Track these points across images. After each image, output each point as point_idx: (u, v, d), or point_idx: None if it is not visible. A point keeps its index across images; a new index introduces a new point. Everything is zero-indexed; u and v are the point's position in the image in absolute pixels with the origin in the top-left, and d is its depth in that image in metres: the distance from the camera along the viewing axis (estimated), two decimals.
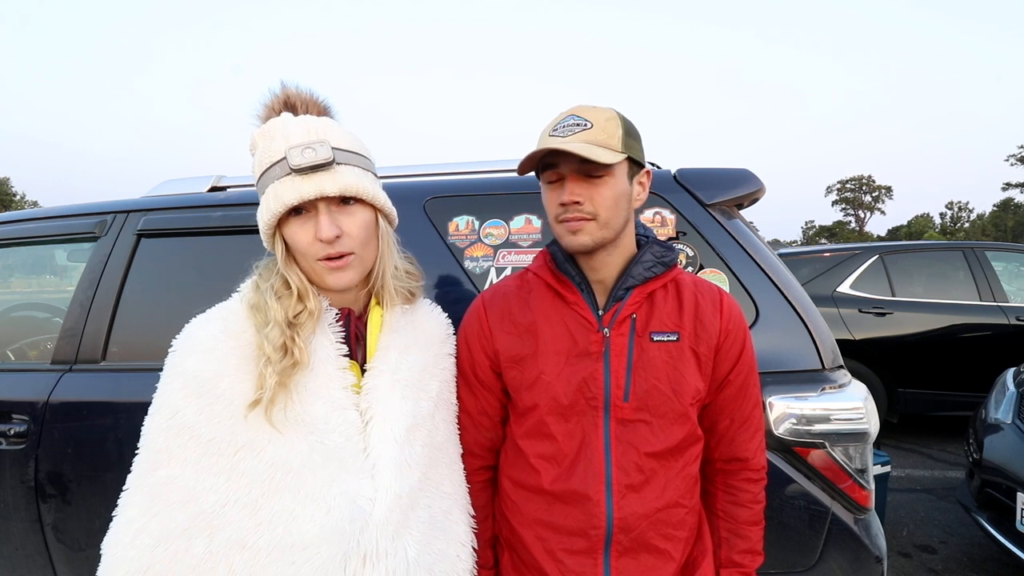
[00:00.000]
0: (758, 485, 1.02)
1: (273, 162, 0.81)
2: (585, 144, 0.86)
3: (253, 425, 0.78)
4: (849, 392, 1.31)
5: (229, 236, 1.64)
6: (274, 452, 0.78)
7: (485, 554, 1.04)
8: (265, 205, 0.82)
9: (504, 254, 1.56)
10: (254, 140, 0.85)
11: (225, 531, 0.76)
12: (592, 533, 0.92)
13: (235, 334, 0.82)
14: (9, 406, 1.57)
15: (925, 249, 4.69)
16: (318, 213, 0.82)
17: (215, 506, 0.76)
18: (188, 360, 0.80)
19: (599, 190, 0.89)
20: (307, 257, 0.83)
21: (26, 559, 1.56)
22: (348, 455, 0.81)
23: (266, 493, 0.77)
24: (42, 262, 3.48)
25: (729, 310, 0.99)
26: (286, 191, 0.80)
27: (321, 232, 0.81)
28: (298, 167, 0.79)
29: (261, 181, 0.84)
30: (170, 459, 0.78)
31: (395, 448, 0.85)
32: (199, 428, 0.78)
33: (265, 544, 0.76)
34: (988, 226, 62.18)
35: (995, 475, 2.36)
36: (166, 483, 0.77)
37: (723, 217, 1.50)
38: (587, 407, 0.93)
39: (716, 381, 0.98)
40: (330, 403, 0.82)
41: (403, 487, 0.84)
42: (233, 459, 0.78)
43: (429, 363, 0.96)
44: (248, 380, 0.80)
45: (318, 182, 0.80)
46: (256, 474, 0.78)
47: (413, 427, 0.88)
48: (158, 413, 0.80)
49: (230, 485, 0.77)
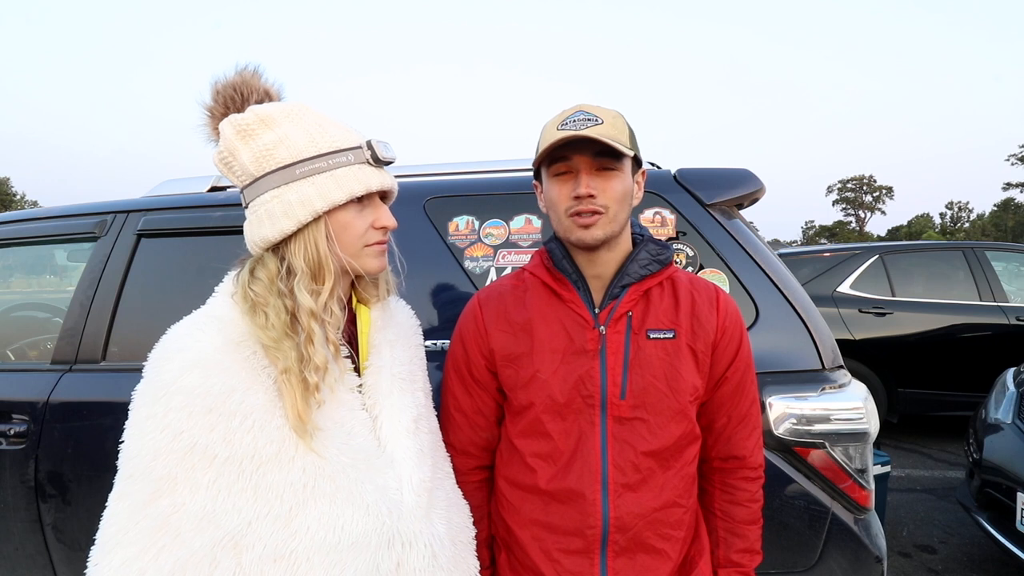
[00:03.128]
0: (756, 484, 1.02)
1: (342, 148, 0.83)
2: (603, 136, 0.87)
3: (276, 437, 0.75)
4: (849, 392, 1.32)
5: (229, 236, 1.64)
6: (305, 461, 0.76)
7: (482, 554, 1.03)
8: (336, 185, 0.80)
9: (504, 254, 1.56)
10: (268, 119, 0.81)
11: (255, 549, 0.72)
12: (588, 533, 0.92)
13: (238, 344, 0.77)
14: (9, 406, 1.58)
15: (925, 249, 4.68)
16: (375, 205, 0.87)
17: (240, 525, 0.72)
18: (189, 375, 0.73)
19: (610, 183, 0.90)
20: (357, 243, 0.85)
21: (26, 559, 1.56)
22: (371, 453, 0.83)
23: (301, 501, 0.75)
24: (42, 262, 3.48)
25: (726, 307, 0.99)
26: (371, 177, 0.84)
27: (387, 221, 0.87)
28: (385, 159, 0.86)
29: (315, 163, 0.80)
30: (174, 486, 0.71)
31: (408, 439, 0.87)
32: (213, 447, 0.72)
33: (304, 550, 0.74)
34: (988, 226, 62.16)
35: (995, 475, 2.36)
36: (172, 512, 0.70)
37: (723, 217, 1.50)
38: (583, 405, 0.93)
39: (713, 379, 0.98)
40: (343, 406, 0.83)
41: (424, 473, 0.88)
42: (257, 474, 0.73)
43: (413, 355, 0.98)
44: (260, 391, 0.76)
45: (389, 176, 0.89)
46: (287, 485, 0.75)
47: (417, 418, 0.91)
48: (150, 436, 0.72)
49: (257, 501, 0.73)
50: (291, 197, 0.79)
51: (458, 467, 1.02)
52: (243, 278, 0.82)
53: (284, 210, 0.80)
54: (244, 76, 0.85)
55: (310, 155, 0.80)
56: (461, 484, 1.02)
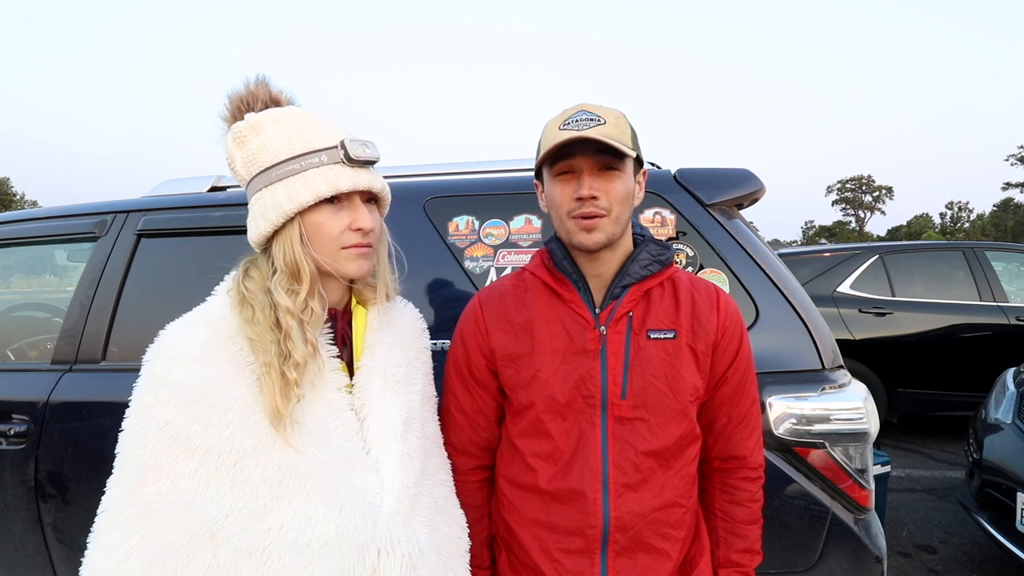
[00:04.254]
0: (756, 484, 1.02)
1: (316, 148, 0.82)
2: (606, 137, 0.86)
3: (254, 433, 0.77)
4: (849, 392, 1.32)
5: (229, 236, 1.64)
6: (281, 458, 0.77)
7: (482, 554, 1.04)
8: (305, 186, 0.81)
9: (504, 254, 1.56)
10: (257, 124, 0.84)
11: (231, 542, 0.74)
12: (589, 532, 0.92)
13: (226, 339, 0.80)
14: (9, 406, 1.58)
15: (925, 249, 4.69)
16: (354, 205, 0.85)
17: (217, 517, 0.74)
18: (175, 369, 0.77)
19: (613, 184, 0.90)
20: (331, 244, 0.84)
21: (26, 559, 1.56)
22: (351, 454, 0.82)
23: (276, 498, 0.76)
24: (42, 262, 3.48)
25: (726, 307, 0.99)
26: (341, 177, 0.82)
27: (365, 222, 0.84)
28: (358, 158, 0.83)
29: (289, 165, 0.82)
30: (158, 475, 0.74)
31: (395, 442, 0.86)
32: (195, 439, 0.75)
33: (277, 548, 0.75)
34: (988, 226, 62.16)
35: (995, 475, 2.37)
36: (156, 500, 0.73)
37: (723, 217, 1.50)
38: (584, 405, 0.93)
39: (714, 379, 0.98)
40: (327, 406, 0.83)
41: (408, 478, 0.86)
42: (234, 468, 0.76)
43: (412, 358, 0.97)
44: (243, 386, 0.78)
45: (367, 176, 0.85)
46: (262, 481, 0.76)
47: (408, 421, 0.90)
48: (139, 426, 0.76)
49: (234, 495, 0.75)
50: (267, 199, 0.83)
51: (459, 467, 1.02)
52: (239, 275, 0.86)
53: (262, 212, 0.84)
54: (250, 88, 0.88)
55: (285, 157, 0.82)
56: (462, 484, 1.02)
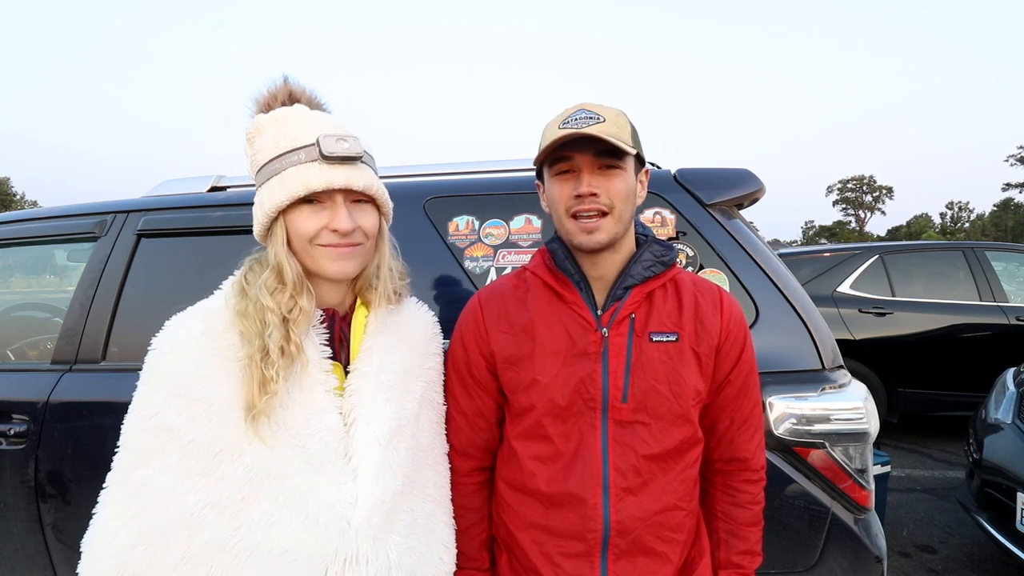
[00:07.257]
0: (757, 486, 1.02)
1: (297, 146, 0.81)
2: (605, 134, 0.86)
3: (232, 429, 0.77)
4: (849, 392, 1.31)
5: (229, 236, 1.64)
6: (254, 458, 0.78)
7: (482, 556, 1.04)
8: (280, 186, 0.80)
9: (504, 254, 1.56)
10: (260, 125, 0.84)
11: (204, 533, 0.76)
12: (589, 536, 0.91)
13: (216, 335, 0.81)
14: (9, 406, 1.57)
15: (925, 249, 4.69)
16: (335, 205, 0.83)
17: (194, 508, 0.76)
18: (166, 359, 0.80)
19: (614, 182, 0.89)
20: (310, 243, 0.83)
21: (26, 559, 1.56)
22: (328, 460, 0.81)
23: (246, 497, 0.77)
24: (42, 262, 3.48)
25: (729, 309, 0.98)
26: (313, 176, 0.80)
27: (340, 223, 0.82)
28: (331, 155, 0.80)
29: (273, 164, 0.82)
30: (148, 460, 0.77)
31: (378, 451, 0.84)
32: (180, 430, 0.77)
33: (245, 547, 0.76)
34: (988, 226, 62.14)
35: (995, 475, 2.36)
36: (144, 484, 0.76)
37: (723, 217, 1.49)
38: (585, 408, 0.92)
39: (716, 381, 0.98)
40: (311, 407, 0.82)
41: (385, 491, 0.83)
42: (212, 463, 0.77)
43: (414, 363, 0.95)
44: (227, 383, 0.79)
45: (346, 174, 0.82)
46: (235, 479, 0.77)
47: (397, 429, 0.88)
48: (137, 412, 0.79)
49: (209, 488, 0.76)
50: (259, 198, 0.84)
51: (458, 468, 1.02)
52: (244, 269, 0.87)
53: (256, 211, 0.85)
54: (271, 89, 0.88)
55: (271, 157, 0.83)
56: (461, 486, 1.01)
